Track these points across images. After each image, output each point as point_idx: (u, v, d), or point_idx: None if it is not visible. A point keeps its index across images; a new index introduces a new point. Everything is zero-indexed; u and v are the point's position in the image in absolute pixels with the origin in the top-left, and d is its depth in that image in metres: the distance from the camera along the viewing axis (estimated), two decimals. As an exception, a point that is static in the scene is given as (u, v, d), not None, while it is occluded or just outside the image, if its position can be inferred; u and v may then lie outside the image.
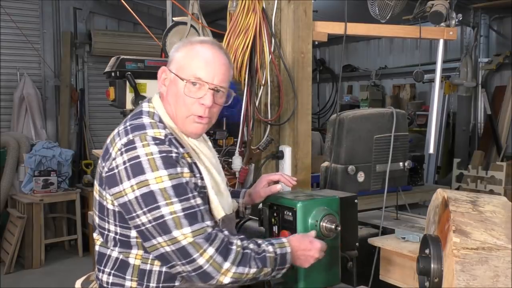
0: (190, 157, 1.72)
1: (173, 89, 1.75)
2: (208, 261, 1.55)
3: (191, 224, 1.56)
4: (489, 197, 1.60)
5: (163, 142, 1.62)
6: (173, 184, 1.58)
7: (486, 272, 1.36)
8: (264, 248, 1.66)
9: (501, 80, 7.06)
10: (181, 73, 1.73)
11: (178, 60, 1.75)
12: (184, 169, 1.63)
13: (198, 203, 1.61)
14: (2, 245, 5.74)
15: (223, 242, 1.58)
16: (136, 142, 1.60)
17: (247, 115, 2.66)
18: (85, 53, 7.77)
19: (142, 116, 1.72)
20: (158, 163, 1.58)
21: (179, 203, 1.57)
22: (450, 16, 2.83)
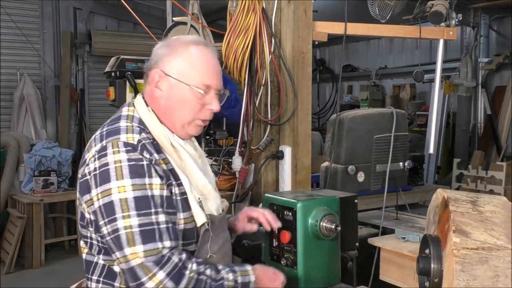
0: (167, 163, 1.63)
1: (175, 94, 1.69)
2: (157, 286, 1.46)
3: (145, 243, 1.47)
4: (489, 197, 1.60)
5: (134, 148, 1.55)
6: (135, 196, 1.50)
7: (486, 272, 1.36)
8: (223, 276, 1.58)
9: (501, 80, 7.06)
10: (185, 79, 1.68)
11: (178, 65, 1.69)
12: (153, 179, 1.54)
13: (160, 220, 1.51)
14: (2, 245, 5.74)
15: (176, 266, 1.49)
16: (108, 149, 1.55)
17: (247, 115, 2.66)
18: (85, 53, 7.78)
19: (120, 120, 1.66)
20: (125, 171, 1.51)
21: (136, 218, 1.48)
22: (450, 16, 2.83)
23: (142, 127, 1.65)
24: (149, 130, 1.66)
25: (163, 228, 1.52)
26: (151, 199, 1.52)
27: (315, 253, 1.80)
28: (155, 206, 1.52)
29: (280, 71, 2.55)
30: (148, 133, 1.65)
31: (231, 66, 2.59)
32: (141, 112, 1.70)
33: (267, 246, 1.91)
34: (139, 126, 1.65)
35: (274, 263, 1.87)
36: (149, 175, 1.54)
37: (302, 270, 1.79)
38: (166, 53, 1.70)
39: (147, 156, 1.56)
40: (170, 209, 1.57)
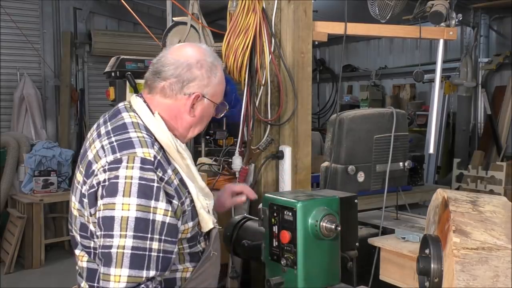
0: (177, 173, 1.62)
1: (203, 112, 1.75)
2: None
3: (131, 267, 1.45)
4: (489, 197, 1.60)
5: (151, 166, 1.52)
6: (137, 216, 1.46)
7: (486, 272, 1.36)
8: None
9: (501, 80, 7.07)
10: (214, 98, 1.76)
11: (214, 86, 1.73)
12: (159, 204, 1.50)
13: (153, 247, 1.48)
14: (2, 245, 5.74)
15: None
16: (122, 162, 1.51)
17: (247, 115, 2.66)
18: (85, 53, 7.78)
19: (128, 130, 1.61)
20: (133, 189, 1.47)
21: (132, 239, 1.45)
22: (450, 16, 2.83)
23: (150, 136, 1.62)
24: (155, 137, 1.63)
25: (154, 256, 1.49)
26: (151, 223, 1.49)
27: (315, 253, 1.80)
28: (153, 231, 1.49)
29: (280, 71, 2.55)
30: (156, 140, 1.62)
31: (231, 66, 2.59)
32: (145, 118, 1.66)
33: (267, 246, 1.91)
34: (149, 136, 1.61)
35: (274, 263, 1.88)
36: (156, 198, 1.50)
37: (302, 270, 1.79)
38: (204, 75, 1.70)
39: (160, 175, 1.53)
40: (169, 237, 1.54)
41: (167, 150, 1.63)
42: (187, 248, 1.68)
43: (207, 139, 4.35)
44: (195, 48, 1.74)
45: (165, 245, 1.52)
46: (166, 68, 1.68)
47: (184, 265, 1.69)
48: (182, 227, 1.62)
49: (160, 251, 1.51)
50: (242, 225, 2.15)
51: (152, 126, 1.64)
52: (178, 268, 1.67)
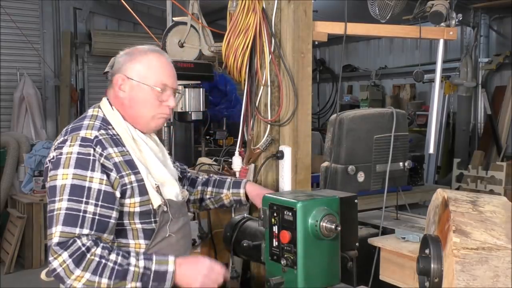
0: (125, 155, 1.85)
1: (137, 94, 1.93)
2: (61, 265, 1.63)
3: (64, 225, 1.66)
4: (489, 197, 1.60)
5: (89, 143, 1.78)
6: (72, 183, 1.71)
7: (486, 272, 1.37)
8: (130, 262, 1.70)
9: (501, 80, 7.07)
10: (145, 80, 1.93)
11: (139, 69, 1.94)
12: (95, 174, 1.74)
13: (88, 210, 1.70)
14: (2, 245, 5.74)
15: (79, 249, 1.64)
16: (67, 142, 1.80)
17: (247, 115, 2.66)
18: (85, 53, 7.78)
19: (84, 119, 1.91)
20: (72, 162, 1.74)
21: (66, 202, 1.69)
22: (450, 16, 2.83)
23: (105, 124, 1.90)
24: (112, 126, 1.90)
25: (88, 217, 1.70)
26: (87, 190, 1.72)
27: (315, 253, 1.80)
28: (88, 197, 1.72)
29: (280, 71, 2.55)
30: (110, 129, 1.89)
31: (231, 66, 2.59)
32: (105, 112, 1.95)
33: (267, 246, 1.91)
34: (102, 123, 1.89)
35: (274, 263, 1.88)
36: (92, 169, 1.75)
37: (302, 270, 1.79)
38: (127, 60, 1.97)
39: (99, 151, 1.79)
40: (105, 203, 1.75)
41: (122, 137, 1.89)
42: (139, 224, 1.85)
43: (207, 139, 4.36)
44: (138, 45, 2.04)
45: (101, 210, 1.73)
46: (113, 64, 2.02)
47: (137, 241, 1.85)
48: (127, 201, 1.82)
49: (96, 214, 1.72)
50: (242, 225, 2.15)
51: (110, 118, 1.93)
52: (130, 243, 1.84)
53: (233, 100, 5.19)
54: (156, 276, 1.72)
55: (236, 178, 2.45)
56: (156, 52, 2.00)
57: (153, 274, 1.71)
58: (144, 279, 1.70)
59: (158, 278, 1.72)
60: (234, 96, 5.22)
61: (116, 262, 1.68)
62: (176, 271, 1.75)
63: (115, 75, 1.97)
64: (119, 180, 1.80)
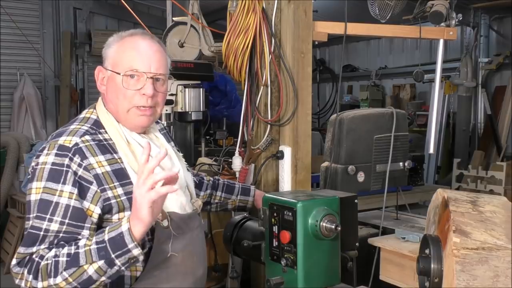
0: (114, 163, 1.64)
1: (112, 86, 1.72)
2: (26, 285, 1.53)
3: (23, 245, 1.55)
4: (489, 197, 1.60)
5: (66, 152, 1.59)
6: (40, 198, 1.55)
7: (486, 272, 1.36)
8: (79, 245, 1.50)
9: (501, 80, 7.06)
10: (116, 68, 1.71)
11: (111, 56, 1.74)
12: (65, 187, 1.55)
13: (50, 228, 1.53)
14: (2, 245, 5.73)
15: (33, 262, 1.52)
16: (44, 150, 1.62)
17: (247, 115, 2.66)
18: (85, 53, 7.77)
19: (73, 123, 1.73)
20: (45, 174, 1.57)
21: (32, 220, 1.55)
22: (450, 16, 2.83)
23: (95, 128, 1.70)
24: (105, 130, 1.71)
25: (50, 235, 1.54)
26: (54, 205, 1.54)
27: (315, 253, 1.80)
28: (53, 213, 1.54)
29: (280, 71, 2.55)
30: (102, 133, 1.70)
31: (231, 66, 2.59)
32: (100, 113, 1.76)
33: (267, 246, 1.91)
34: (92, 127, 1.71)
35: (274, 263, 1.88)
36: (63, 181, 1.56)
37: (302, 270, 1.79)
38: (105, 48, 1.77)
39: (77, 161, 1.59)
40: (73, 220, 1.55)
41: (115, 142, 1.69)
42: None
43: (207, 139, 4.36)
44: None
45: (67, 228, 1.55)
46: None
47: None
48: (115, 216, 1.62)
49: (60, 232, 1.54)
50: (242, 225, 2.15)
51: (103, 120, 1.74)
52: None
53: (233, 100, 5.18)
54: (112, 243, 1.47)
55: (243, 184, 2.38)
56: (135, 34, 1.75)
57: (109, 243, 1.47)
58: (101, 253, 1.47)
59: (117, 245, 1.47)
60: (234, 96, 5.21)
61: (67, 253, 1.49)
62: (131, 226, 1.48)
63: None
64: (100, 194, 1.59)
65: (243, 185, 2.34)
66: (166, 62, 1.79)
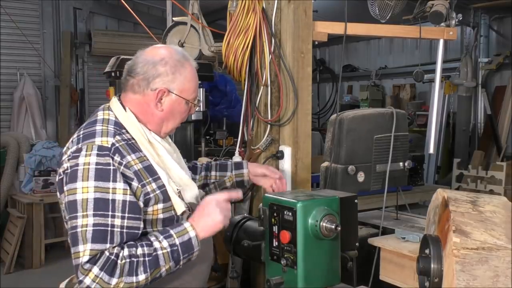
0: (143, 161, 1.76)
1: (173, 108, 1.87)
2: (94, 281, 1.57)
3: (93, 242, 1.59)
4: (489, 197, 1.60)
5: (107, 151, 1.68)
6: (95, 197, 1.62)
7: (486, 272, 1.37)
8: (156, 247, 1.66)
9: (501, 80, 7.07)
10: (184, 94, 1.86)
11: (181, 83, 1.85)
12: (117, 184, 1.65)
13: (116, 223, 1.63)
14: (2, 245, 5.73)
15: (108, 259, 1.58)
16: (82, 151, 1.68)
17: (247, 115, 2.66)
18: (85, 53, 7.78)
19: (96, 124, 1.79)
20: (91, 174, 1.64)
21: (92, 217, 1.60)
22: (450, 16, 2.83)
23: (118, 129, 1.78)
24: (126, 130, 1.80)
25: (116, 231, 1.63)
26: (111, 202, 1.63)
27: (315, 253, 1.80)
28: (113, 209, 1.63)
29: (280, 71, 2.55)
30: (125, 133, 1.78)
31: (231, 66, 2.59)
32: (118, 114, 1.82)
33: (267, 246, 1.91)
34: (115, 128, 1.78)
35: (274, 263, 1.88)
36: (113, 180, 1.65)
37: (302, 270, 1.79)
38: (169, 72, 1.83)
39: (117, 159, 1.68)
40: (132, 214, 1.67)
41: (137, 141, 1.79)
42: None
43: (207, 139, 4.36)
44: (165, 48, 1.90)
45: (128, 222, 1.66)
46: (136, 66, 1.84)
47: None
48: (150, 208, 1.75)
49: (124, 227, 1.65)
50: (242, 225, 2.15)
51: (123, 121, 1.81)
52: None
53: (233, 100, 5.18)
54: (184, 247, 1.69)
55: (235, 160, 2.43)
56: (189, 60, 1.91)
57: (180, 247, 1.69)
58: (174, 255, 1.67)
59: (187, 248, 1.70)
60: (234, 96, 5.21)
61: (144, 254, 1.63)
62: (198, 232, 1.73)
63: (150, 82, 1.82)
64: (141, 189, 1.72)
65: (235, 161, 2.38)
66: None
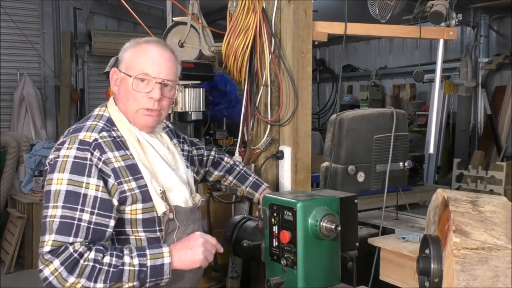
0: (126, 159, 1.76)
1: (124, 87, 1.83)
2: (53, 274, 1.57)
3: (58, 233, 1.59)
4: (489, 197, 1.60)
5: (87, 146, 1.70)
6: (67, 189, 1.63)
7: (486, 272, 1.37)
8: (124, 261, 1.62)
9: (501, 80, 7.07)
10: (129, 71, 1.82)
11: (126, 60, 1.85)
12: (91, 180, 1.66)
13: (84, 218, 1.62)
14: (2, 245, 5.73)
15: (71, 256, 1.57)
16: (65, 143, 1.72)
17: (247, 115, 2.66)
18: (85, 53, 7.78)
19: (88, 120, 1.83)
20: (68, 166, 1.66)
21: (61, 209, 1.61)
22: (450, 16, 2.83)
23: (109, 125, 1.81)
24: (117, 127, 1.82)
25: (83, 226, 1.63)
26: (82, 197, 1.64)
27: (315, 253, 1.81)
28: (83, 204, 1.64)
29: (280, 71, 2.55)
30: (115, 130, 1.80)
31: (231, 66, 2.59)
32: (111, 112, 1.86)
33: (267, 246, 1.91)
34: (106, 124, 1.81)
35: (274, 263, 1.88)
36: (88, 174, 1.67)
37: (302, 270, 1.79)
38: (121, 52, 1.88)
39: (97, 155, 1.70)
40: (102, 210, 1.66)
41: (126, 139, 1.80)
42: (142, 232, 1.76)
43: (207, 139, 4.35)
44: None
45: (97, 218, 1.65)
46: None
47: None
48: (128, 208, 1.74)
49: (92, 223, 1.64)
50: (242, 225, 2.15)
51: (115, 119, 1.84)
52: None
53: (233, 100, 5.17)
54: (153, 271, 1.64)
55: (258, 178, 2.39)
56: (151, 42, 1.88)
57: (150, 269, 1.64)
58: (140, 276, 1.62)
59: (156, 273, 1.65)
60: (234, 96, 5.21)
61: (110, 264, 1.60)
62: (173, 261, 1.68)
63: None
64: (117, 187, 1.71)
65: (256, 179, 2.36)
66: (176, 70, 1.91)
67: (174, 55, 1.91)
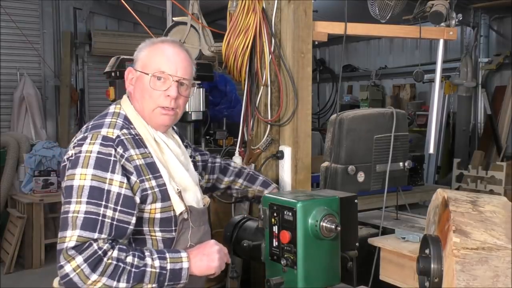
0: (146, 157, 1.76)
1: (140, 86, 1.84)
2: (75, 270, 1.54)
3: (83, 229, 1.58)
4: (489, 197, 1.60)
5: (111, 142, 1.69)
6: (91, 185, 1.62)
7: (486, 272, 1.37)
8: (146, 262, 1.63)
9: (501, 80, 7.07)
10: (145, 69, 1.82)
11: (142, 59, 1.85)
12: (115, 176, 1.65)
13: (107, 214, 1.62)
14: (2, 245, 5.73)
15: (95, 253, 1.56)
16: (87, 139, 1.70)
17: (247, 115, 2.66)
18: (85, 53, 7.78)
19: (106, 117, 1.81)
20: (91, 162, 1.65)
21: (85, 205, 1.60)
22: (450, 16, 2.83)
23: (127, 123, 1.80)
24: (134, 126, 1.81)
25: (107, 222, 1.62)
26: (106, 193, 1.63)
27: (315, 253, 1.81)
28: (107, 200, 1.63)
29: (280, 71, 2.55)
30: (133, 128, 1.80)
31: (231, 66, 2.59)
32: (127, 110, 1.85)
33: (267, 246, 1.91)
34: (124, 122, 1.80)
35: (274, 263, 1.88)
36: (112, 171, 1.66)
37: (302, 270, 1.79)
38: (137, 52, 1.88)
39: (120, 152, 1.69)
40: (125, 207, 1.66)
41: (143, 138, 1.80)
42: (159, 232, 1.77)
43: (207, 139, 4.35)
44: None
45: (120, 215, 1.65)
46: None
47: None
48: (148, 207, 1.74)
49: (114, 219, 1.63)
50: (242, 225, 2.15)
51: (132, 117, 1.83)
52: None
53: (233, 100, 5.17)
54: (172, 275, 1.66)
55: (267, 179, 2.41)
56: (166, 41, 1.88)
57: (169, 273, 1.65)
58: (160, 279, 1.64)
59: (174, 277, 1.67)
60: (234, 96, 5.20)
61: (133, 264, 1.60)
62: (191, 265, 1.70)
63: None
64: (139, 185, 1.71)
65: (265, 179, 2.38)
66: (191, 70, 1.91)
67: (189, 55, 1.92)
